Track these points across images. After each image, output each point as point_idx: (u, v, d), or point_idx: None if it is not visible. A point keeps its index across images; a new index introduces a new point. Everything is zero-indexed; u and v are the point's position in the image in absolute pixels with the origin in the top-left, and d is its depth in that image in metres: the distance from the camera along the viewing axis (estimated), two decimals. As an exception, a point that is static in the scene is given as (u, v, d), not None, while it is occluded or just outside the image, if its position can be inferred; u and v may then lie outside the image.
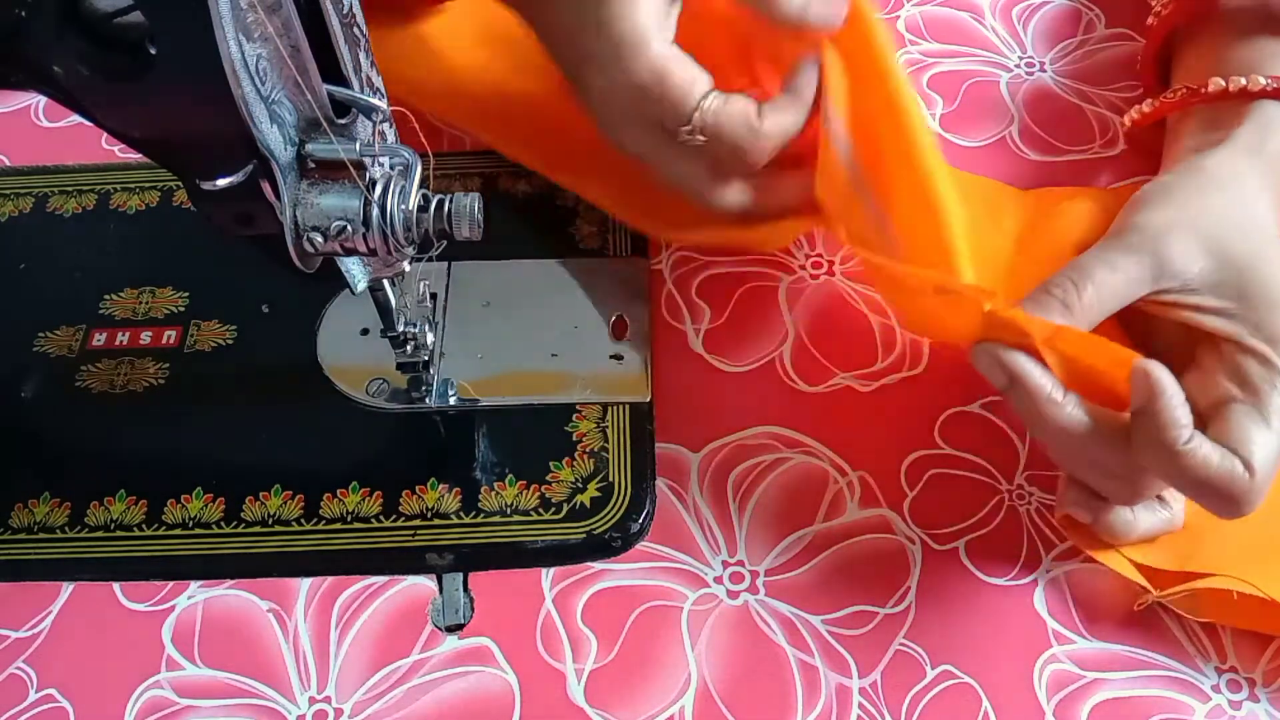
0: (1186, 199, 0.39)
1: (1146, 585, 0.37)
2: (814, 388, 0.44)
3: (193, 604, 0.39)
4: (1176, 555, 0.38)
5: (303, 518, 0.40)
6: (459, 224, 0.34)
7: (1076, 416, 0.35)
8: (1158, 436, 0.33)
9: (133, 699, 0.37)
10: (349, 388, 0.43)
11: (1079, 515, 0.38)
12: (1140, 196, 0.40)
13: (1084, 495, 0.38)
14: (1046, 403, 0.35)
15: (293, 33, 0.29)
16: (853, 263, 0.47)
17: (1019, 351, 0.35)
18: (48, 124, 0.53)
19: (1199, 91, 0.42)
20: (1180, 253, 0.37)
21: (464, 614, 0.39)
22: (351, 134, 0.33)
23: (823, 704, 0.37)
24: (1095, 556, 0.38)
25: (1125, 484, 0.36)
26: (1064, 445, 0.36)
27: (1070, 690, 0.37)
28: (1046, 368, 0.35)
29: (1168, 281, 0.37)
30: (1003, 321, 0.35)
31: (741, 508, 0.41)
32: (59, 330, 0.45)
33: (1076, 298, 0.36)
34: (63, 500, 0.41)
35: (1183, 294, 0.37)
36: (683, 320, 0.46)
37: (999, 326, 0.36)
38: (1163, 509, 0.38)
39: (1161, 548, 0.38)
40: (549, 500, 0.40)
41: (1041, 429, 0.36)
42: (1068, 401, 0.35)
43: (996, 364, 0.36)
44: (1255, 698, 0.37)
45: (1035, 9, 0.57)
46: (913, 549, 0.40)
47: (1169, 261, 0.37)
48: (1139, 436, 0.34)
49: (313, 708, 0.37)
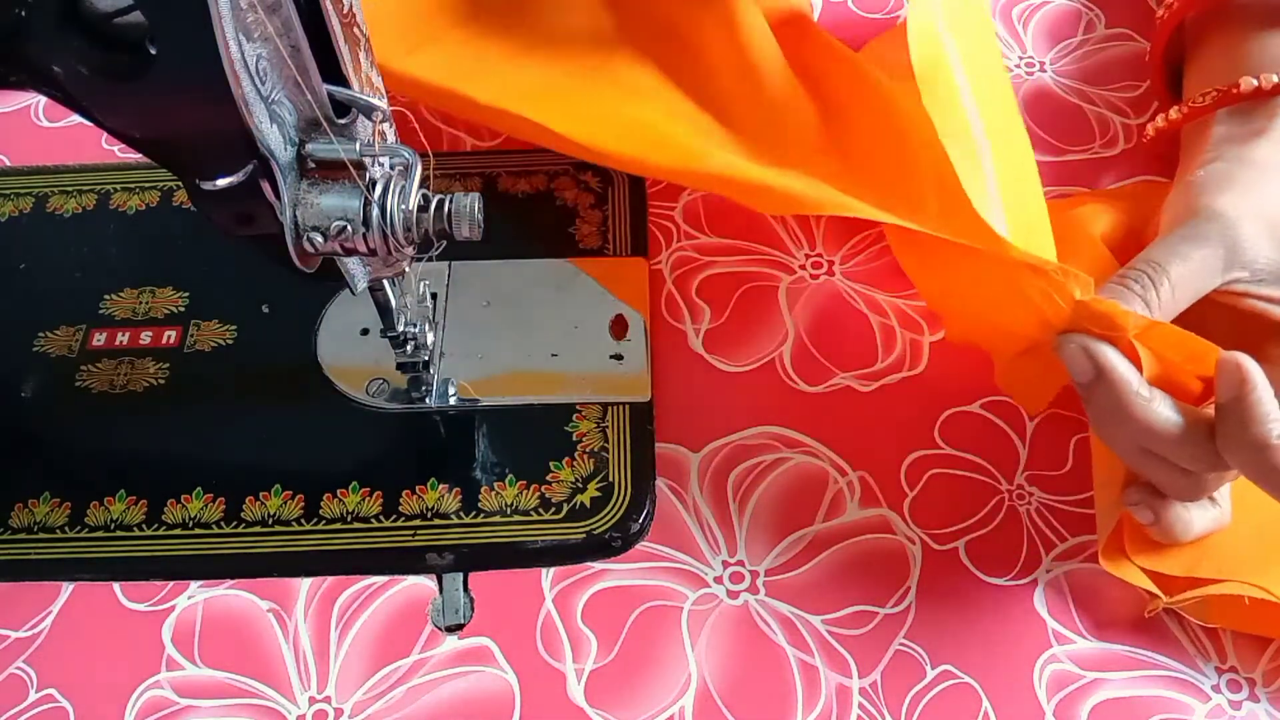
0: (1246, 189, 0.38)
1: (1157, 592, 0.37)
2: (814, 388, 0.44)
3: (193, 604, 0.39)
4: (1185, 562, 0.38)
5: (303, 518, 0.40)
6: (459, 224, 0.34)
7: (1163, 412, 0.34)
8: (1246, 431, 0.32)
9: (133, 699, 0.37)
10: (349, 388, 0.43)
11: (1140, 515, 0.37)
12: (1197, 188, 0.39)
13: (1147, 494, 0.37)
14: (1134, 397, 0.34)
15: (293, 33, 0.29)
16: (853, 263, 0.47)
17: (1107, 344, 0.34)
18: (48, 124, 0.53)
19: (1231, 92, 0.42)
20: (1250, 242, 0.36)
21: (464, 614, 0.39)
22: (351, 134, 0.33)
23: (823, 704, 0.37)
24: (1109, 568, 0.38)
25: (1194, 480, 0.35)
26: (1140, 441, 0.35)
27: (1070, 690, 0.37)
28: (1131, 362, 0.34)
29: (1238, 271, 0.36)
30: (1095, 313, 0.34)
31: (741, 508, 0.41)
32: (59, 330, 0.45)
33: (1155, 293, 0.36)
34: (63, 500, 0.41)
35: (1252, 284, 0.37)
36: (683, 320, 0.46)
37: (1089, 318, 0.34)
38: (1213, 507, 0.37)
39: (1170, 554, 0.38)
40: (549, 500, 0.40)
41: (1119, 424, 0.35)
42: (1154, 396, 0.34)
43: (1085, 355, 0.35)
44: (1255, 698, 0.37)
45: (1035, 9, 0.57)
46: (913, 549, 0.40)
47: (1240, 251, 0.36)
48: (1225, 430, 0.33)
49: (313, 708, 0.37)
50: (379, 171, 0.33)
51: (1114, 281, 0.37)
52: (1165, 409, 0.34)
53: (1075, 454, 0.42)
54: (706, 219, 0.49)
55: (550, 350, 0.44)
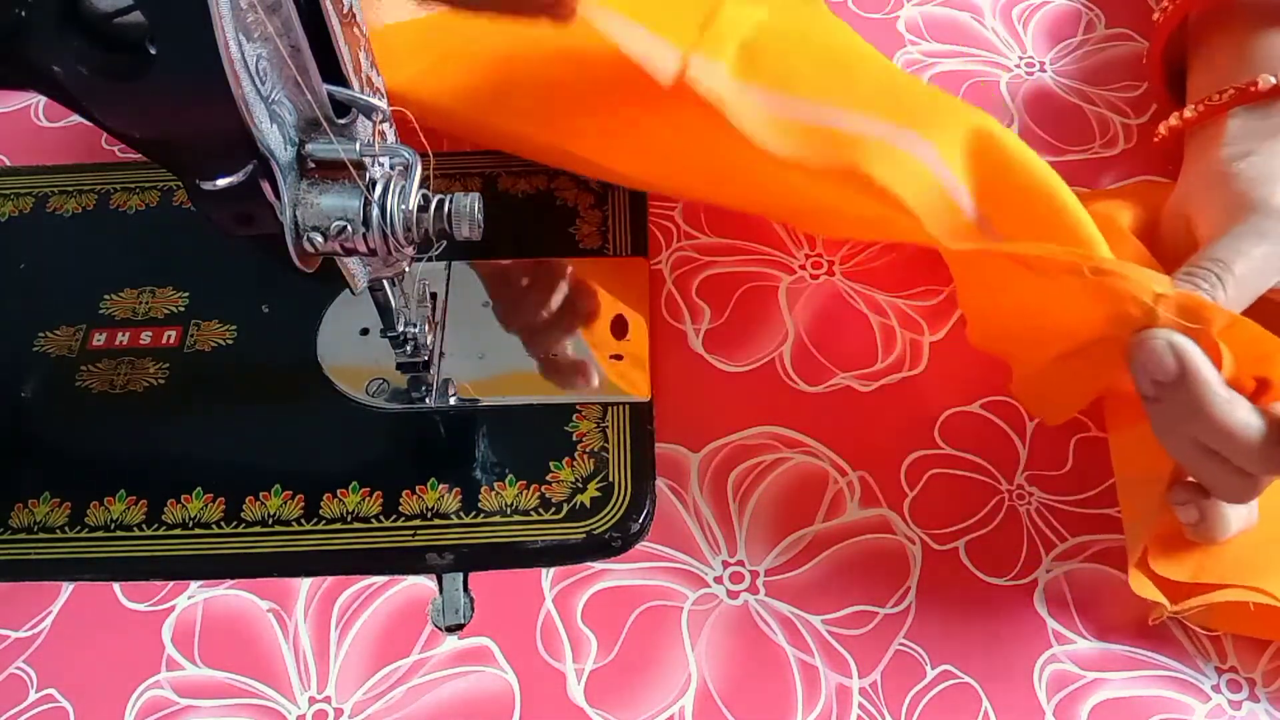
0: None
1: (1163, 600, 0.36)
2: (814, 388, 0.44)
3: (193, 604, 0.39)
4: (1190, 568, 0.37)
5: (303, 518, 0.40)
6: (459, 224, 0.34)
7: (1242, 414, 0.33)
8: None
9: (133, 699, 0.37)
10: (349, 388, 0.43)
11: (1186, 514, 0.36)
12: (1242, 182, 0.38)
13: (1194, 493, 0.36)
14: (1215, 398, 0.33)
15: (293, 33, 0.29)
16: (853, 263, 0.47)
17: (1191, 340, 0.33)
18: (48, 124, 0.53)
19: (1249, 90, 0.41)
20: None
21: (464, 614, 0.39)
22: (351, 134, 0.33)
23: (823, 704, 0.37)
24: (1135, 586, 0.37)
25: (1250, 482, 0.34)
26: (1209, 441, 0.34)
27: (1070, 690, 0.37)
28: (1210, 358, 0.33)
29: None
30: (1183, 306, 0.33)
31: (741, 508, 0.41)
32: (59, 330, 0.45)
33: (1223, 292, 0.35)
34: (63, 500, 0.41)
35: None
36: (683, 320, 0.46)
37: (1180, 310, 0.33)
38: (1244, 507, 0.37)
39: (1175, 560, 0.37)
40: (549, 500, 0.40)
41: (1191, 423, 0.34)
42: (1233, 397, 0.33)
43: (1170, 352, 0.33)
44: (1255, 698, 0.37)
45: (1035, 9, 0.57)
46: (913, 549, 0.40)
47: None
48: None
49: (313, 708, 0.37)
50: (379, 171, 0.33)
51: (1181, 279, 0.36)
52: (1244, 412, 0.33)
53: (1075, 454, 0.42)
54: (706, 219, 0.49)
55: (550, 350, 0.44)
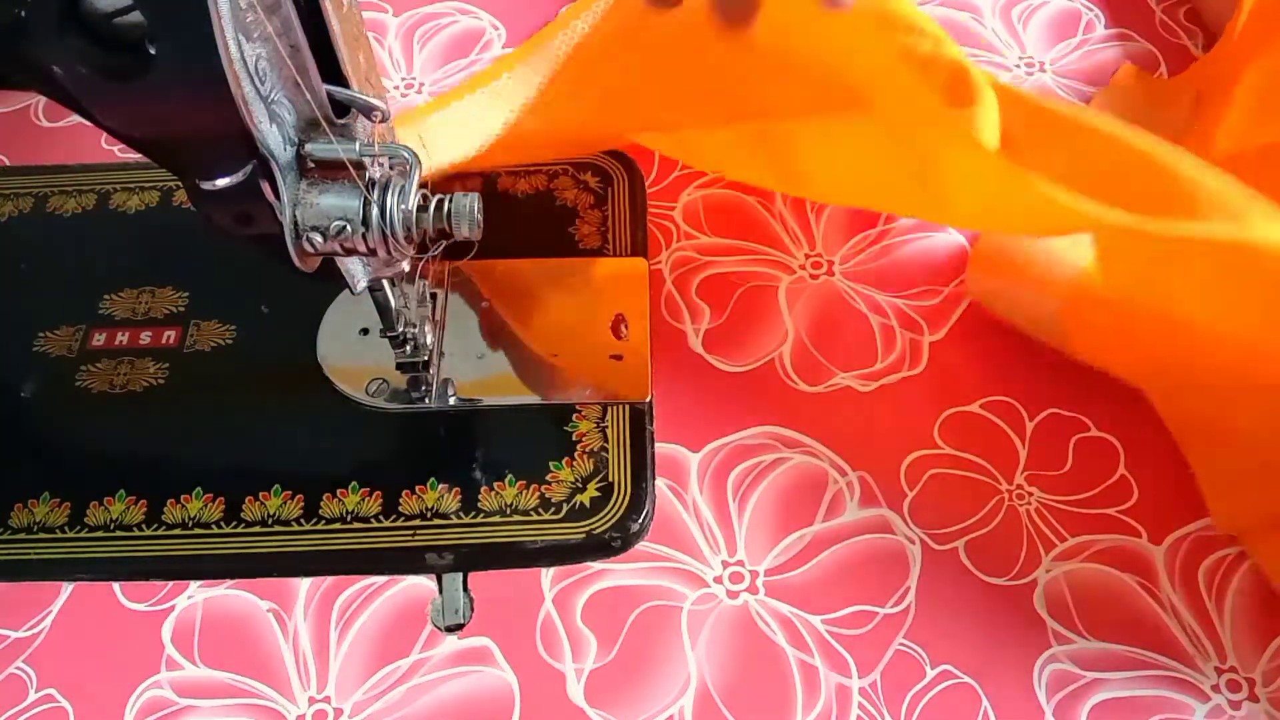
0: None
1: None
2: (814, 388, 0.44)
3: (193, 604, 0.39)
4: None
5: (302, 518, 0.40)
6: (459, 224, 0.34)
7: None
8: None
9: (132, 699, 0.37)
10: (349, 388, 0.43)
11: None
12: None
13: None
14: None
15: (292, 33, 0.29)
16: (853, 263, 0.47)
17: None
18: (48, 124, 0.53)
19: None
20: None
21: (464, 614, 0.39)
22: (351, 134, 0.33)
23: (822, 704, 0.37)
24: None
25: None
26: None
27: (1070, 690, 0.37)
28: None
29: None
30: None
31: (741, 508, 0.41)
32: (59, 330, 0.45)
33: None
34: (63, 500, 0.41)
35: None
36: (683, 320, 0.46)
37: None
38: None
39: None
40: (549, 500, 0.40)
41: None
42: None
43: None
44: (1255, 698, 0.37)
45: (1035, 9, 0.57)
46: (913, 549, 0.40)
47: None
48: None
49: (312, 708, 0.37)
50: (379, 171, 0.33)
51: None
52: None
53: (1075, 454, 0.42)
54: (706, 219, 0.49)
55: (550, 350, 0.44)
